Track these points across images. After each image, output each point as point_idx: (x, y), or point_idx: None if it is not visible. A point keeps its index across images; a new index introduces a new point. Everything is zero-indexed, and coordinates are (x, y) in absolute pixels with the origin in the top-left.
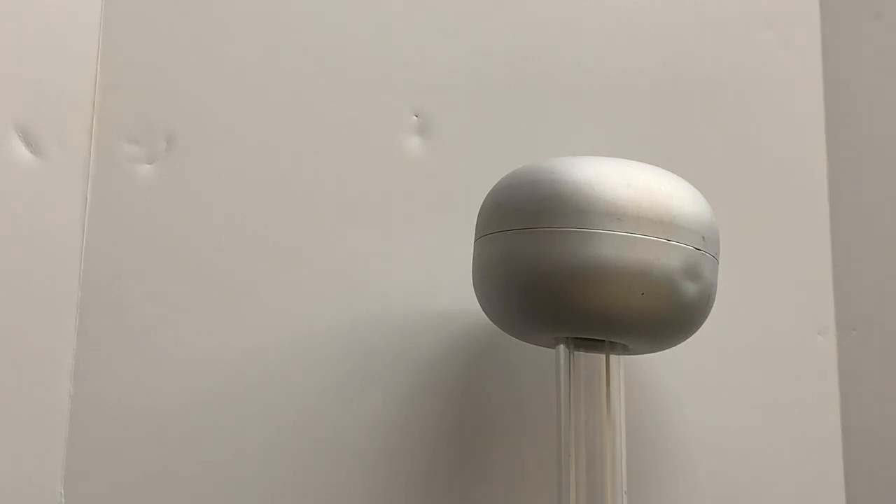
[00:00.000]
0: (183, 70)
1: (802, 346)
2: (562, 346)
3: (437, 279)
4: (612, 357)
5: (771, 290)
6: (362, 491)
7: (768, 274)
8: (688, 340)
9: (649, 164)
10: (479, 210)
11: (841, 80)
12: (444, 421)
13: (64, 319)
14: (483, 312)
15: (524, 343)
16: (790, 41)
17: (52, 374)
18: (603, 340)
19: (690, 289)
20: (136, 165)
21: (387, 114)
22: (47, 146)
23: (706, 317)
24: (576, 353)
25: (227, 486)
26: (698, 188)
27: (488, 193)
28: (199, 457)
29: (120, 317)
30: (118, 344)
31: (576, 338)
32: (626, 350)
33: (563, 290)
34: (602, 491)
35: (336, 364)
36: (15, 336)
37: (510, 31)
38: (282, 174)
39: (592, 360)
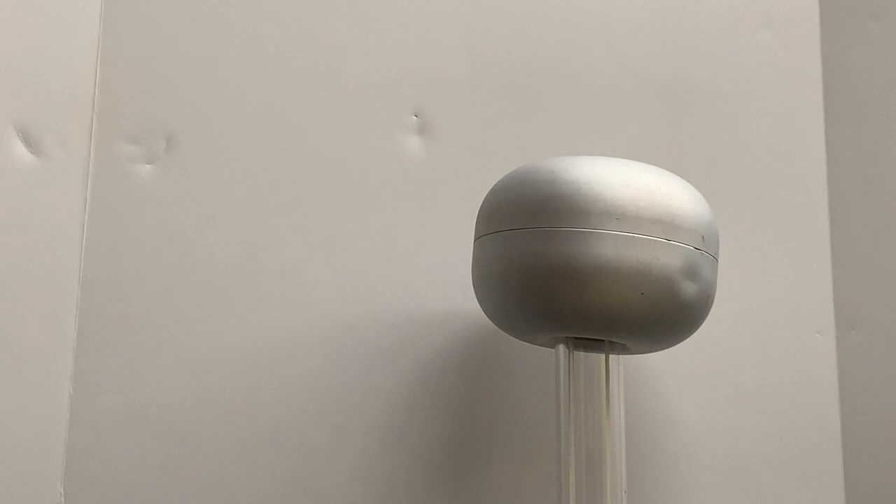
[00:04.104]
0: (183, 70)
1: (802, 345)
2: (561, 346)
3: (436, 279)
4: (612, 357)
5: (770, 289)
6: (362, 490)
7: (768, 274)
8: (688, 340)
9: (649, 164)
10: (478, 210)
11: (840, 80)
12: (444, 420)
13: (64, 319)
14: (483, 312)
15: (524, 343)
16: (790, 41)
17: (52, 374)
18: (602, 340)
19: (690, 288)
20: (136, 165)
21: (387, 114)
22: (47, 146)
23: (706, 316)
24: (575, 352)
25: (226, 485)
26: (698, 188)
27: (488, 193)
28: (198, 456)
29: (120, 317)
30: (118, 344)
31: (575, 337)
32: (625, 350)
33: (563, 290)
34: (602, 491)
35: (336, 364)
36: (15, 336)
37: (510, 31)
38: (281, 174)
39: (592, 359)
